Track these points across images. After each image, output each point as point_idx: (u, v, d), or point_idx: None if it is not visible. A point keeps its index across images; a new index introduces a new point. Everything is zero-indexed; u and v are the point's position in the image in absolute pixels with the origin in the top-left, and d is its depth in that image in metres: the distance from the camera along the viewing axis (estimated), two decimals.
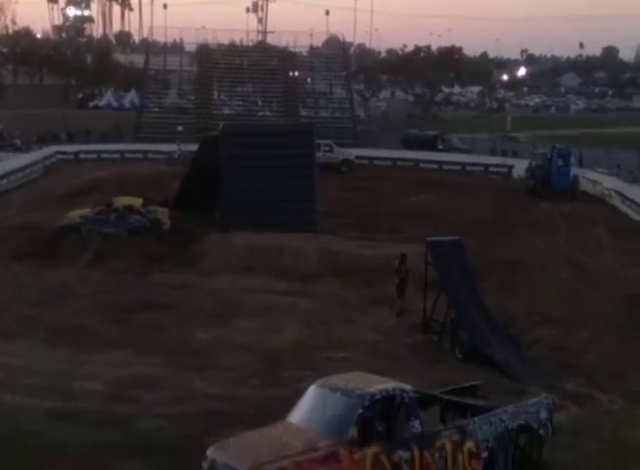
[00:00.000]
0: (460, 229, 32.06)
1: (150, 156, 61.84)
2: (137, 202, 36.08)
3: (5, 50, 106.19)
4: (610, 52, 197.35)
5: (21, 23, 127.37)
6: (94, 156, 61.21)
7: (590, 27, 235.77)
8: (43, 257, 31.43)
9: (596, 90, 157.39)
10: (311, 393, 14.01)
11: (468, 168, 60.85)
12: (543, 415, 15.33)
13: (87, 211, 35.66)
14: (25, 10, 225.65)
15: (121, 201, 35.95)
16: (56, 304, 26.42)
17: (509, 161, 62.24)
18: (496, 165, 61.26)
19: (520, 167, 56.49)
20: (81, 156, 60.94)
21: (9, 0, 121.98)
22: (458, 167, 61.03)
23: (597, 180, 52.68)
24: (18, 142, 62.95)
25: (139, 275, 30.04)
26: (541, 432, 15.18)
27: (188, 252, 33.18)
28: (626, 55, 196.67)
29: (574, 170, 52.41)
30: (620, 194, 48.01)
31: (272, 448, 12.54)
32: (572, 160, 53.59)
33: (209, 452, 12.78)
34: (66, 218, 35.32)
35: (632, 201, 45.77)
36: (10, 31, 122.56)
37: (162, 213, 35.82)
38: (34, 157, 56.31)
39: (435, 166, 61.37)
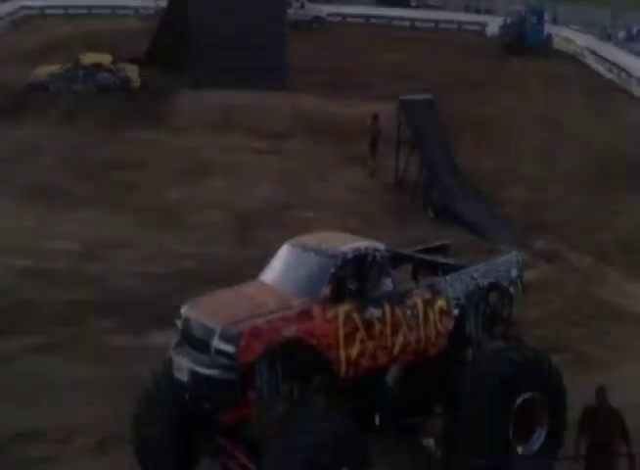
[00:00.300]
0: (433, 87, 31.76)
1: (118, 11, 60.29)
2: (106, 59, 35.37)
3: None
4: None
5: None
6: (60, 11, 59.54)
7: None
8: (11, 114, 30.92)
9: None
10: (284, 252, 14.01)
11: (441, 26, 59.90)
12: (513, 273, 15.44)
13: (55, 69, 34.97)
14: None
15: (90, 58, 35.21)
16: (26, 161, 26.20)
17: (483, 18, 61.32)
18: (470, 23, 60.34)
19: (494, 25, 55.77)
20: (47, 11, 59.31)
21: None
22: (431, 25, 60.07)
23: (571, 38, 52.15)
24: None
25: (109, 133, 29.67)
26: (511, 290, 15.33)
27: (159, 109, 32.74)
28: None
29: (548, 28, 51.82)
30: (593, 52, 47.62)
31: (245, 307, 12.58)
32: (547, 17, 52.96)
33: (183, 310, 12.85)
34: (33, 76, 34.65)
35: (605, 59, 45.44)
36: None
37: (132, 71, 35.20)
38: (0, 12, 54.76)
39: (408, 24, 60.39)
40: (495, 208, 23.97)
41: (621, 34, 49.62)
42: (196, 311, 12.53)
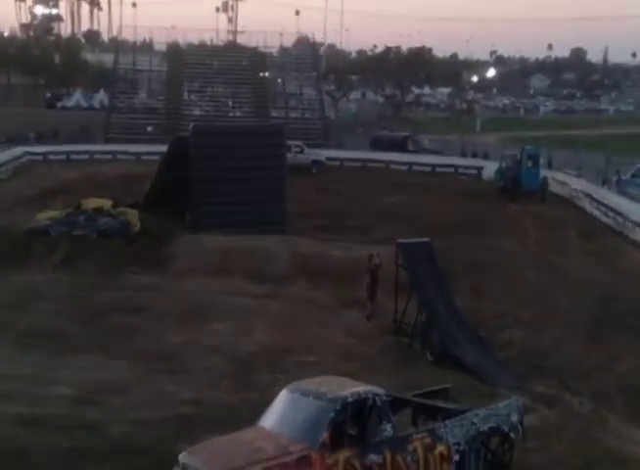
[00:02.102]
0: (431, 230, 32.10)
1: (119, 156, 61.58)
2: (106, 203, 35.85)
3: None
4: (578, 53, 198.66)
5: None
6: (63, 156, 60.83)
7: (559, 29, 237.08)
8: (12, 259, 31.12)
9: (564, 92, 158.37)
10: (283, 397, 14.00)
11: (438, 170, 61.05)
12: (514, 418, 15.40)
13: (56, 213, 35.43)
14: None
15: (91, 203, 35.68)
16: (25, 307, 26.20)
17: (479, 162, 62.52)
18: (466, 167, 61.55)
19: (490, 169, 56.82)
20: (50, 156, 60.52)
21: None
22: (428, 169, 61.22)
23: (566, 182, 53.02)
24: None
25: (109, 278, 29.91)
26: (512, 434, 15.25)
27: (159, 254, 33.00)
28: (594, 56, 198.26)
29: (543, 172, 52.75)
30: (589, 195, 48.34)
31: (244, 453, 12.52)
32: (542, 161, 53.98)
33: (181, 458, 12.74)
34: (34, 220, 35.05)
35: (600, 202, 46.11)
36: None
37: (132, 215, 35.62)
38: (2, 157, 55.80)
39: (406, 168, 61.52)
40: (495, 351, 23.92)
41: (616, 178, 50.41)
42: (194, 459, 12.45)
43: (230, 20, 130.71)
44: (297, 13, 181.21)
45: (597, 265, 34.36)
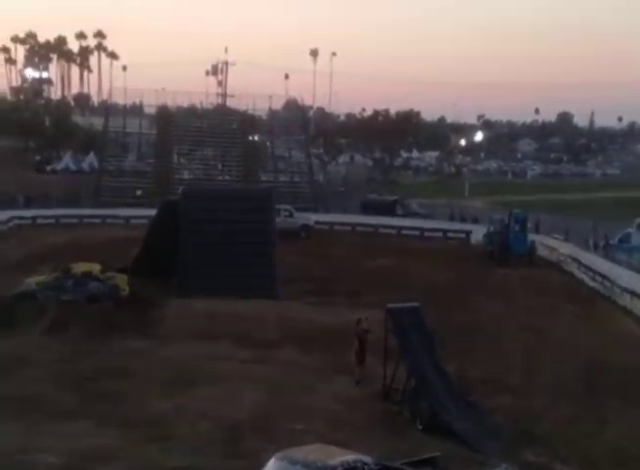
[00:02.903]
0: (419, 295, 32.11)
1: (109, 220, 61.66)
2: (95, 268, 35.81)
3: None
4: (564, 117, 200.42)
5: None
6: (52, 220, 60.83)
7: (545, 93, 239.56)
8: None
9: (552, 156, 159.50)
10: (271, 465, 13.93)
11: (427, 234, 61.27)
12: None
13: (44, 278, 35.36)
14: None
15: (79, 267, 35.64)
16: (11, 372, 26.06)
17: (467, 226, 62.74)
18: (455, 231, 61.77)
19: (478, 233, 57.02)
20: (39, 220, 60.52)
21: None
22: (417, 233, 61.44)
23: (553, 246, 53.23)
24: None
25: (97, 343, 29.72)
26: None
27: (147, 318, 32.89)
28: (581, 121, 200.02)
29: (531, 236, 52.98)
30: (576, 260, 48.51)
31: None
32: (529, 225, 54.21)
33: None
34: (22, 285, 34.96)
35: (588, 267, 46.25)
36: None
37: (121, 280, 35.59)
38: None
39: (395, 232, 61.70)
40: (485, 417, 23.80)
41: (603, 243, 50.63)
42: None
43: (220, 83, 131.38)
44: (287, 76, 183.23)
45: (585, 330, 34.39)
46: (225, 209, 38.94)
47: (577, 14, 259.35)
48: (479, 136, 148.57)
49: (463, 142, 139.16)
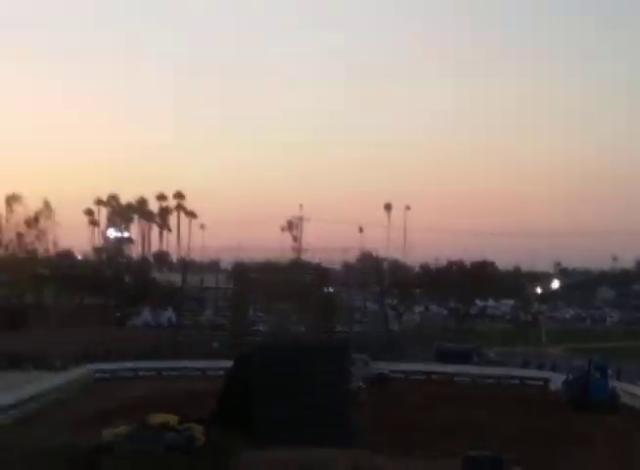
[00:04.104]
0: (499, 444, 31.67)
1: (187, 373, 62.18)
2: (172, 419, 35.98)
3: (47, 272, 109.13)
4: None
5: (62, 246, 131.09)
6: (131, 374, 61.54)
7: (623, 240, 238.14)
8: None
9: (633, 302, 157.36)
10: None
11: (503, 381, 60.55)
12: None
13: (122, 429, 35.58)
14: (67, 232, 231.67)
15: (156, 418, 35.86)
16: None
17: (545, 373, 61.88)
18: (532, 378, 60.93)
19: (557, 380, 56.19)
20: (118, 374, 61.24)
21: (50, 224, 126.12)
22: (493, 381, 60.75)
23: (635, 393, 52.15)
24: (57, 363, 63.45)
25: None
26: None
27: (223, 467, 32.82)
28: None
29: (612, 383, 52.03)
30: None
31: None
32: (610, 372, 53.25)
33: None
34: (100, 437, 35.21)
35: None
36: (51, 253, 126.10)
37: (197, 430, 35.67)
38: (72, 376, 56.66)
39: (469, 379, 61.08)
40: None
41: None
42: None
43: (295, 238, 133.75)
44: (361, 230, 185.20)
45: None
46: (301, 360, 39.17)
47: None
48: (555, 284, 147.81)
49: (539, 290, 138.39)
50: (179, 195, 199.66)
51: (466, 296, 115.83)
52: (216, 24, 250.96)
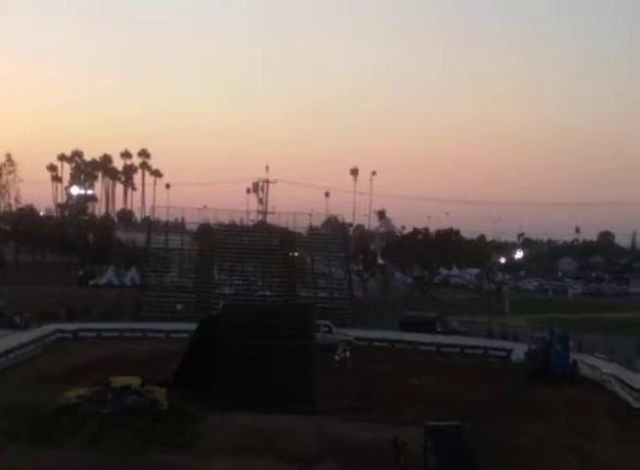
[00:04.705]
0: (459, 413, 31.86)
1: (149, 335, 61.93)
2: (135, 381, 35.87)
3: (7, 227, 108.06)
4: (606, 237, 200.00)
5: (24, 202, 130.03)
6: (94, 334, 61.17)
7: (586, 213, 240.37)
8: (40, 437, 31.07)
9: (593, 274, 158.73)
10: None
11: (467, 351, 60.84)
12: None
13: (84, 391, 35.44)
14: (30, 188, 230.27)
15: (119, 381, 35.72)
16: None
17: (508, 344, 62.17)
18: (495, 349, 61.20)
19: (519, 351, 56.50)
20: (81, 334, 60.84)
21: (13, 179, 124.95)
22: (457, 350, 61.03)
23: (596, 365, 52.54)
24: (17, 319, 62.94)
25: (136, 456, 29.58)
26: None
27: (186, 432, 32.77)
28: (622, 240, 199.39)
29: (573, 355, 52.38)
30: (620, 380, 47.77)
31: None
32: (571, 344, 53.61)
33: None
34: (62, 398, 35.04)
35: (631, 387, 45.51)
36: (13, 209, 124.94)
37: (160, 393, 35.57)
38: (33, 335, 56.21)
39: (434, 349, 61.32)
40: None
41: None
42: None
43: (260, 200, 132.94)
44: (327, 194, 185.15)
45: (631, 452, 33.69)
46: (264, 324, 39.20)
47: (612, 132, 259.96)
48: (519, 254, 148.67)
49: (503, 260, 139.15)
50: (144, 153, 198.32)
51: (431, 264, 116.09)
52: None
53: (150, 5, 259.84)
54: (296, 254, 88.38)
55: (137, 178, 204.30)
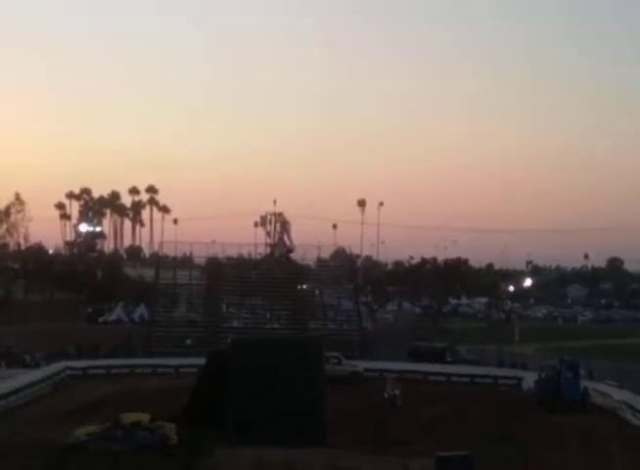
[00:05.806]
0: (470, 443, 31.70)
1: (159, 370, 61.92)
2: (145, 418, 35.84)
3: (16, 266, 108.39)
4: (614, 263, 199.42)
5: (33, 240, 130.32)
6: (103, 371, 61.21)
7: (594, 239, 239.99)
8: None
9: (602, 301, 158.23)
10: None
11: (477, 380, 60.66)
12: None
13: (94, 428, 35.41)
14: (38, 226, 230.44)
15: (129, 417, 35.69)
16: None
17: (518, 372, 62.00)
18: (505, 377, 61.04)
19: (529, 379, 56.30)
20: (90, 371, 60.88)
21: (22, 218, 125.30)
22: (467, 379, 60.86)
23: (607, 392, 52.29)
24: (27, 358, 63.05)
25: None
26: None
27: (197, 467, 32.71)
28: (631, 266, 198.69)
29: (584, 382, 52.13)
30: (631, 407, 47.54)
31: None
32: (582, 371, 53.35)
33: None
34: (72, 436, 34.99)
35: None
36: (22, 248, 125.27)
37: (170, 429, 35.55)
38: (43, 373, 56.26)
39: (444, 379, 61.16)
40: None
41: None
42: None
43: (268, 233, 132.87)
44: (335, 226, 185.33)
45: None
46: (273, 357, 39.10)
47: (625, 161, 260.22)
48: (527, 282, 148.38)
49: (512, 288, 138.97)
50: (152, 189, 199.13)
51: (439, 293, 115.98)
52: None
53: (164, 37, 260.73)
54: (304, 286, 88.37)
55: (145, 215, 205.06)
